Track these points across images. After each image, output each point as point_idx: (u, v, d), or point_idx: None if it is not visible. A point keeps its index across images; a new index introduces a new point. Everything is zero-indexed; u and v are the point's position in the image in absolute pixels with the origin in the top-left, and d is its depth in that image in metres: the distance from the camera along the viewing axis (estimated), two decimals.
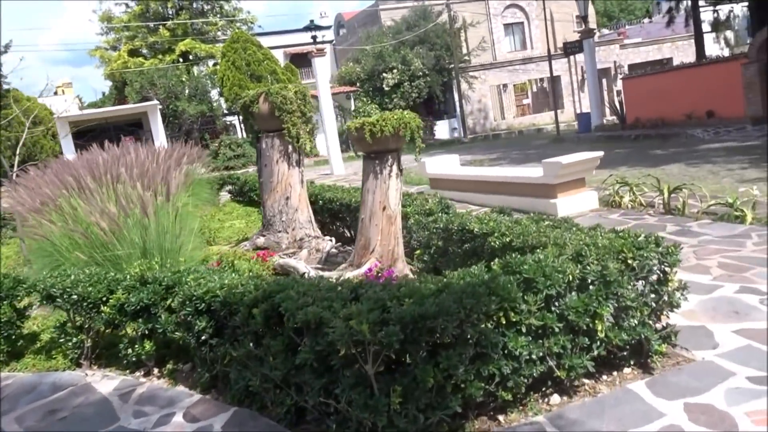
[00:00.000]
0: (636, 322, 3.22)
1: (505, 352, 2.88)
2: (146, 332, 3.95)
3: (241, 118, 6.35)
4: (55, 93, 44.32)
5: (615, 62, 35.72)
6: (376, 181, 5.08)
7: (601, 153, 8.17)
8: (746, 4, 24.28)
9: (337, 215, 7.20)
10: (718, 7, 26.42)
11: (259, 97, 6.20)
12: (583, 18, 22.07)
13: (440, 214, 5.18)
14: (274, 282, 3.37)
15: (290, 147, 6.34)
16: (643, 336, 3.24)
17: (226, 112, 29.51)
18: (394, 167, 5.09)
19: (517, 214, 8.29)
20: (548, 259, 3.17)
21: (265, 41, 36.81)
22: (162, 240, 5.38)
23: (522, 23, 40.07)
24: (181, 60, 30.22)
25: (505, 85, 35.99)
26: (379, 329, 2.62)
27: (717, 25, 26.81)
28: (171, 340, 4.01)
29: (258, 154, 6.56)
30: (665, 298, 3.31)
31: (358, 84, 28.75)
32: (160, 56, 29.39)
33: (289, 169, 6.41)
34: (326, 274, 5.30)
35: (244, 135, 29.04)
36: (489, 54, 35.69)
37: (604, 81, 36.19)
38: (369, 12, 38.83)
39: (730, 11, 27.78)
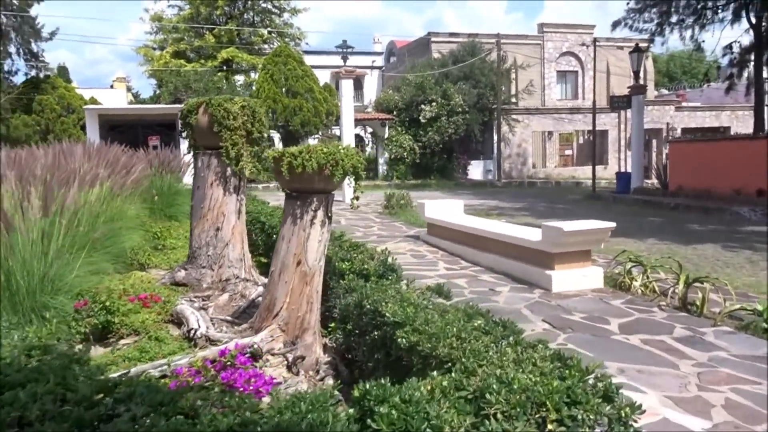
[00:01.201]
0: None
1: None
2: None
3: (183, 130, 5.28)
4: (111, 86, 45.00)
5: (668, 124, 34.02)
6: (293, 227, 4.01)
7: (612, 224, 6.91)
8: None
9: None
10: None
11: (198, 107, 5.24)
12: (635, 73, 20.74)
13: (367, 283, 4.04)
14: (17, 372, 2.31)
15: (229, 170, 5.34)
16: None
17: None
18: (320, 213, 4.01)
19: (504, 283, 7.09)
20: (427, 402, 2.03)
21: (314, 59, 36.56)
22: (36, 265, 4.39)
23: (576, 72, 38.94)
24: (224, 68, 30.03)
25: (550, 133, 34.71)
26: None
27: None
28: None
29: (194, 174, 5.58)
30: None
31: (395, 112, 27.91)
32: (202, 61, 29.21)
33: (225, 195, 5.39)
34: (218, 335, 4.22)
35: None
36: (536, 99, 34.54)
37: (654, 142, 34.54)
38: (421, 42, 38.27)
39: None
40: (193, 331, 4.17)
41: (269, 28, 31.24)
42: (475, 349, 2.63)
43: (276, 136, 30.65)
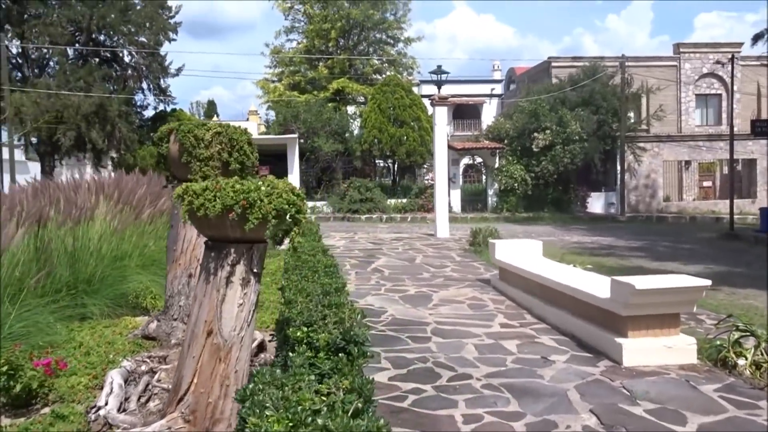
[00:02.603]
0: None
1: None
2: None
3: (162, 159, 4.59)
4: (247, 119, 47.83)
5: None
6: (206, 286, 3.10)
7: (706, 282, 5.27)
8: None
9: None
10: None
11: (170, 134, 4.57)
12: None
13: (316, 356, 2.99)
14: None
15: None
16: None
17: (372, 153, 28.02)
18: (239, 268, 3.07)
19: (564, 349, 5.51)
20: None
21: (430, 89, 36.06)
22: None
23: (719, 95, 35.08)
24: (337, 98, 30.35)
25: (687, 162, 31.28)
26: None
27: None
28: None
29: (171, 211, 4.90)
30: None
31: (506, 141, 26.43)
32: (315, 92, 29.73)
33: (199, 236, 4.63)
34: (120, 418, 3.37)
35: (396, 178, 27.86)
36: (669, 125, 31.38)
37: None
38: (540, 68, 36.58)
39: None
40: (94, 410, 3.37)
41: (381, 58, 31.21)
42: None
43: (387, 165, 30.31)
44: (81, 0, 25.95)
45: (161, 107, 28.64)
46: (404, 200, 25.55)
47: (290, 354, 3.39)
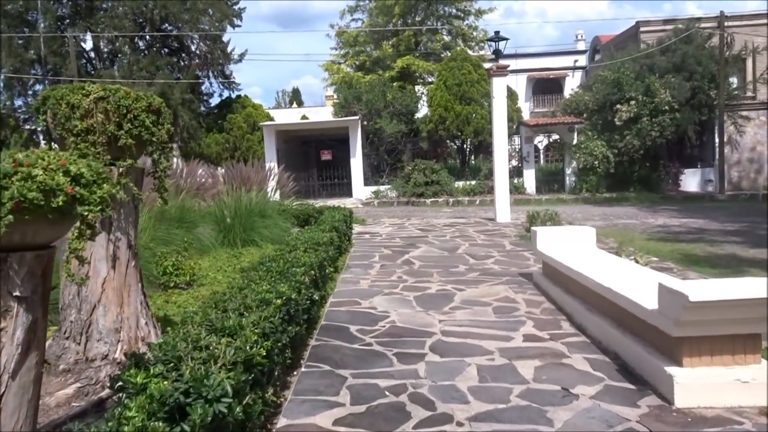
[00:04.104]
0: None
1: None
2: None
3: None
4: (324, 104, 47.64)
5: None
6: None
7: None
8: None
9: None
10: None
11: (45, 102, 3.55)
12: None
13: None
14: None
15: None
16: None
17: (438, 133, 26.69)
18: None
19: (599, 376, 3.97)
20: None
21: (511, 63, 33.91)
22: None
23: None
24: (403, 78, 29.02)
25: None
26: None
27: None
28: None
29: None
30: None
31: (585, 115, 24.13)
32: (380, 72, 28.54)
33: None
34: None
35: (469, 158, 26.39)
36: None
37: None
38: (628, 34, 33.44)
39: None
40: None
41: (446, 27, 29.50)
42: None
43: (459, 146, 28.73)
44: None
45: (226, 94, 28.46)
46: (473, 182, 23.98)
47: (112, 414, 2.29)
